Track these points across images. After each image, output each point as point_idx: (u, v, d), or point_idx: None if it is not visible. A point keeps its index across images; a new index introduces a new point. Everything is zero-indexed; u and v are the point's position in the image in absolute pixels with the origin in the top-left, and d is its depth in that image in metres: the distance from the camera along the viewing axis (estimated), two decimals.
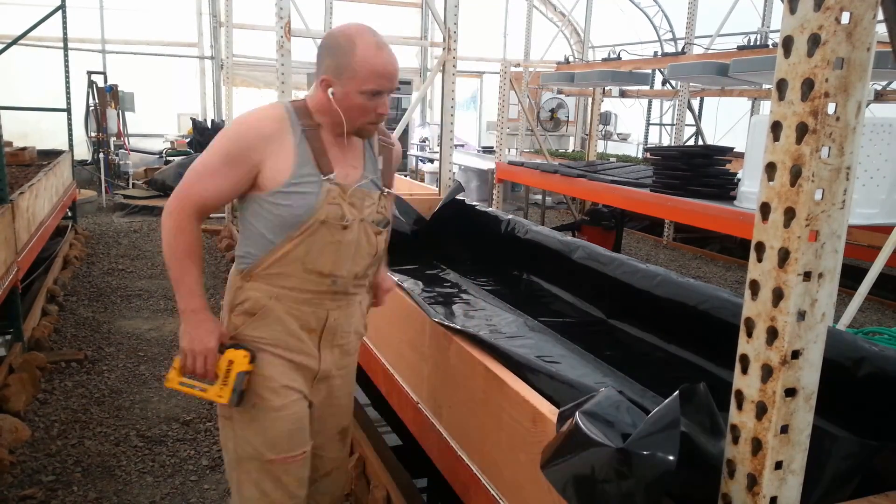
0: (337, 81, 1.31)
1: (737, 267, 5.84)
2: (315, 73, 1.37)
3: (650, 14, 10.59)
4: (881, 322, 4.31)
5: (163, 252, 1.38)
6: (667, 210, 3.98)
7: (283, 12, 3.23)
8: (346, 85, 1.30)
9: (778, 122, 0.73)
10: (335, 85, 1.32)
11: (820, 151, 0.70)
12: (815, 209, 0.71)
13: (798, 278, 0.73)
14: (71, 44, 6.20)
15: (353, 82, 1.30)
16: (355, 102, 1.31)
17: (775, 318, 0.75)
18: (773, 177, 0.74)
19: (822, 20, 0.68)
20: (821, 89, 0.69)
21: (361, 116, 1.34)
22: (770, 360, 0.76)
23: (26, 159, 5.69)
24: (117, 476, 2.37)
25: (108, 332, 3.76)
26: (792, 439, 0.78)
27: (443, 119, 3.52)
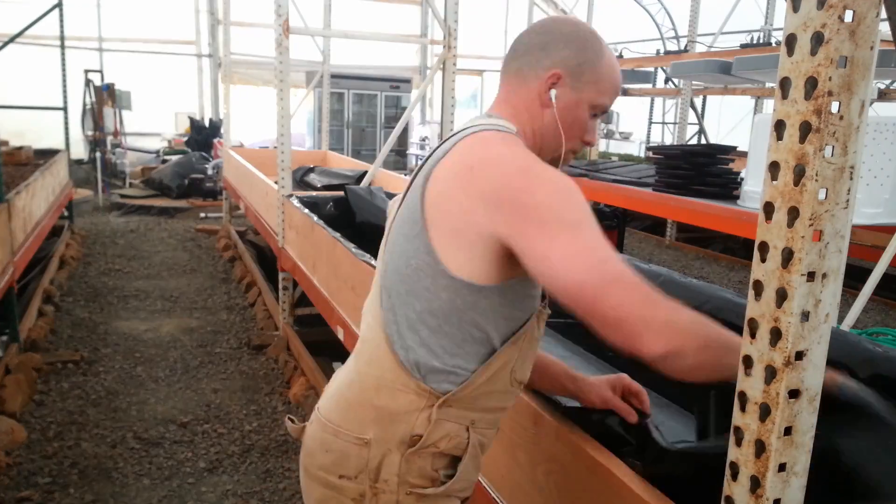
0: (571, 82, 0.96)
1: (740, 267, 5.84)
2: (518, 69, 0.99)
3: (653, 12, 10.58)
4: (885, 323, 4.31)
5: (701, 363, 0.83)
6: (669, 209, 3.97)
7: (282, 10, 3.22)
8: (582, 90, 0.96)
9: (781, 120, 0.72)
10: (565, 87, 0.96)
11: (823, 150, 0.69)
12: (818, 209, 0.70)
13: (802, 278, 0.72)
14: (68, 42, 6.19)
15: (593, 88, 0.97)
16: (582, 117, 0.98)
17: (779, 319, 0.74)
18: (777, 176, 0.73)
19: (826, 18, 0.67)
20: (824, 88, 0.68)
21: (575, 139, 1.00)
22: (773, 361, 0.75)
23: (22, 158, 5.69)
24: (114, 478, 2.36)
25: (104, 333, 3.75)
26: (795, 441, 0.77)
27: (443, 117, 3.51)
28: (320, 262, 2.87)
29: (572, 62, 0.96)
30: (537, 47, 0.98)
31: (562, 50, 0.97)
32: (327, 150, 6.57)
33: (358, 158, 7.10)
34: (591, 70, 0.97)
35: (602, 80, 0.97)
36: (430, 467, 0.95)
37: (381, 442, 0.94)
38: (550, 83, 0.97)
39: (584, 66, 0.96)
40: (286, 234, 3.58)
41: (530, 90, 0.98)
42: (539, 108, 0.98)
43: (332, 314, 2.65)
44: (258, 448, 2.59)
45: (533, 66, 0.98)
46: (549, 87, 0.97)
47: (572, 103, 0.97)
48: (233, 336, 3.81)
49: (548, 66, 0.96)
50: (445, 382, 0.94)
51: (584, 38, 0.97)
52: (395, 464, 0.94)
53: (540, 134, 0.99)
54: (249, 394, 3.08)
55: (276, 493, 2.32)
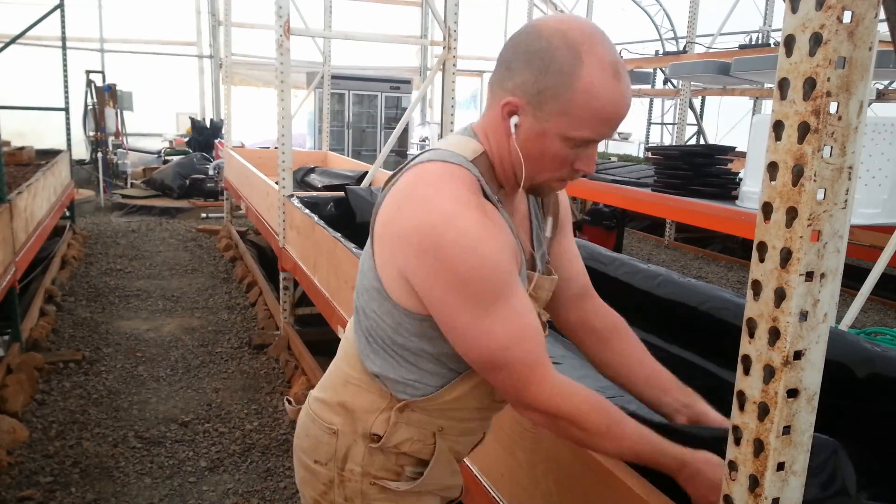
0: (531, 111, 0.82)
1: (738, 267, 5.83)
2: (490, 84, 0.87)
3: (651, 13, 10.58)
4: (883, 322, 4.31)
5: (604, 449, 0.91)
6: (668, 210, 3.98)
7: (283, 11, 3.23)
8: (547, 121, 0.82)
9: (780, 121, 0.73)
10: (526, 115, 0.83)
11: (822, 151, 0.70)
12: (817, 209, 0.71)
13: (800, 278, 0.72)
14: (69, 43, 6.19)
15: (561, 121, 0.81)
16: (552, 149, 0.83)
17: (777, 319, 0.74)
18: (775, 176, 0.74)
19: (824, 19, 0.67)
20: (822, 88, 0.68)
21: (550, 171, 0.87)
22: (772, 360, 0.75)
23: (24, 159, 5.69)
24: (115, 477, 2.36)
25: (106, 333, 3.76)
26: (794, 440, 0.77)
27: (443, 118, 3.52)
28: (321, 261, 2.87)
29: (532, 89, 0.81)
30: (504, 64, 0.85)
31: (523, 72, 0.81)
32: (328, 151, 6.58)
33: (358, 159, 7.11)
34: (556, 99, 0.80)
35: (573, 111, 0.80)
36: (393, 464, 0.97)
37: (347, 433, 0.97)
38: (507, 112, 0.84)
39: (545, 95, 0.80)
40: (287, 234, 3.59)
41: (496, 113, 0.86)
42: (503, 134, 0.86)
43: (333, 314, 2.66)
44: (259, 447, 2.60)
45: (499, 86, 0.85)
46: (506, 115, 0.84)
47: (535, 134, 0.83)
48: (234, 335, 3.82)
49: (507, 90, 0.83)
50: (403, 393, 0.94)
51: (552, 59, 0.79)
52: (360, 455, 0.96)
53: (507, 159, 0.88)
54: (250, 393, 3.08)
55: (276, 492, 2.32)
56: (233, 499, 2.28)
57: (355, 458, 0.96)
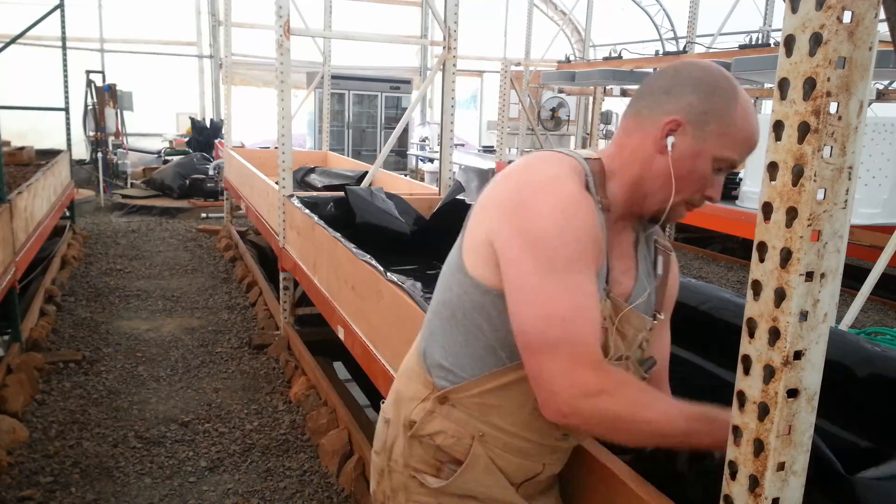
0: (692, 131, 0.89)
1: (738, 267, 5.83)
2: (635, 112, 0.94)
3: (651, 13, 10.58)
4: (883, 322, 4.30)
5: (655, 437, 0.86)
6: None
7: (283, 11, 3.23)
8: (705, 140, 0.89)
9: (780, 121, 0.73)
10: (684, 135, 0.89)
11: (822, 151, 0.70)
12: (817, 209, 0.71)
13: (800, 278, 0.72)
14: (69, 43, 6.19)
15: (719, 141, 0.89)
16: (701, 169, 0.90)
17: (777, 319, 0.74)
18: (775, 176, 0.74)
19: (824, 19, 0.67)
20: (822, 88, 0.68)
21: (691, 192, 0.92)
22: (772, 360, 0.75)
23: (24, 159, 5.69)
24: (115, 477, 2.36)
25: (106, 333, 3.76)
26: (794, 440, 0.77)
27: (443, 118, 3.52)
28: (321, 261, 2.87)
29: (698, 109, 0.89)
30: (661, 90, 0.92)
31: (688, 95, 0.90)
32: (328, 151, 6.58)
33: (358, 159, 7.11)
34: (719, 120, 0.88)
35: (731, 132, 0.89)
36: (431, 457, 0.98)
37: (395, 423, 1.02)
38: (668, 129, 0.90)
39: (710, 115, 0.89)
40: (287, 235, 3.59)
41: (646, 134, 0.92)
42: (652, 152, 0.91)
43: (333, 314, 2.66)
44: (259, 447, 2.60)
45: (653, 110, 0.92)
46: (666, 134, 0.90)
47: (691, 153, 0.89)
48: (234, 335, 3.82)
49: (669, 111, 0.90)
50: (443, 379, 0.97)
51: (715, 85, 0.89)
52: (402, 445, 1.00)
53: (644, 179, 0.92)
54: (250, 393, 3.08)
55: (276, 492, 2.32)
56: (233, 499, 2.28)
57: (398, 448, 1.00)
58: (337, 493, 2.32)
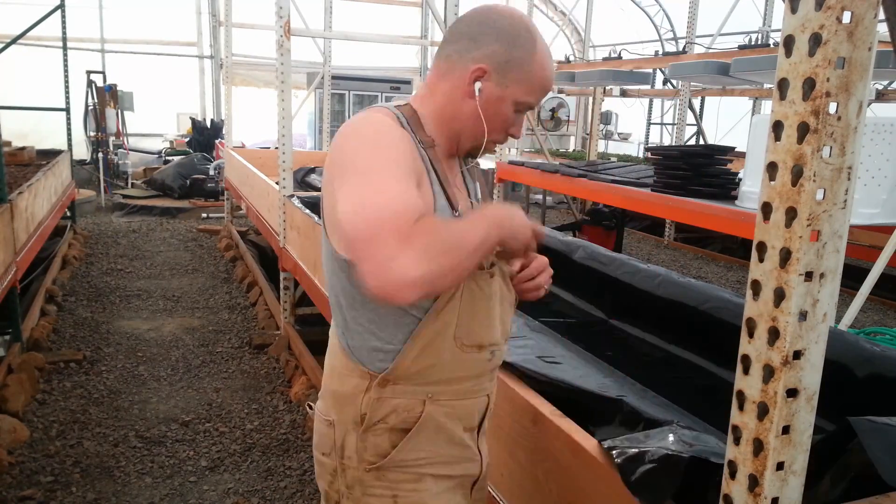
0: (497, 77, 0.95)
1: (738, 267, 5.83)
2: (447, 55, 0.99)
3: (651, 13, 10.58)
4: (882, 322, 4.30)
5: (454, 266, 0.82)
6: (668, 210, 3.97)
7: (283, 11, 3.23)
8: (508, 85, 0.96)
9: (779, 121, 0.73)
10: (489, 81, 0.96)
11: (821, 151, 0.70)
12: (816, 209, 0.71)
13: (800, 278, 0.72)
14: (70, 43, 6.20)
15: (519, 86, 0.96)
16: (504, 112, 0.98)
17: (777, 319, 0.74)
18: (775, 176, 0.74)
19: (824, 19, 0.68)
20: (822, 89, 0.68)
21: (498, 132, 1.00)
22: (771, 360, 0.75)
23: (25, 159, 5.70)
24: (116, 477, 2.36)
25: (106, 333, 3.76)
26: (793, 440, 0.77)
27: None
28: (321, 261, 2.87)
29: (501, 58, 0.95)
30: (468, 37, 0.98)
31: (492, 44, 0.95)
32: (328, 151, 6.57)
33: None
34: (519, 68, 0.96)
35: (530, 79, 0.96)
36: (386, 444, 0.99)
37: (341, 423, 1.01)
38: (475, 76, 0.96)
39: (511, 64, 0.95)
40: (287, 234, 3.59)
41: (455, 79, 0.98)
42: (461, 97, 0.98)
43: None
44: (259, 447, 2.60)
45: (461, 56, 0.97)
46: (473, 80, 0.96)
47: (495, 98, 0.97)
48: (234, 335, 3.82)
49: (476, 59, 0.96)
50: (378, 361, 0.98)
51: (517, 35, 0.96)
52: (353, 442, 1.00)
53: (456, 120, 1.00)
54: (251, 393, 3.09)
55: (277, 492, 2.32)
56: (233, 498, 2.28)
57: (350, 446, 1.00)
58: None
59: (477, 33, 0.97)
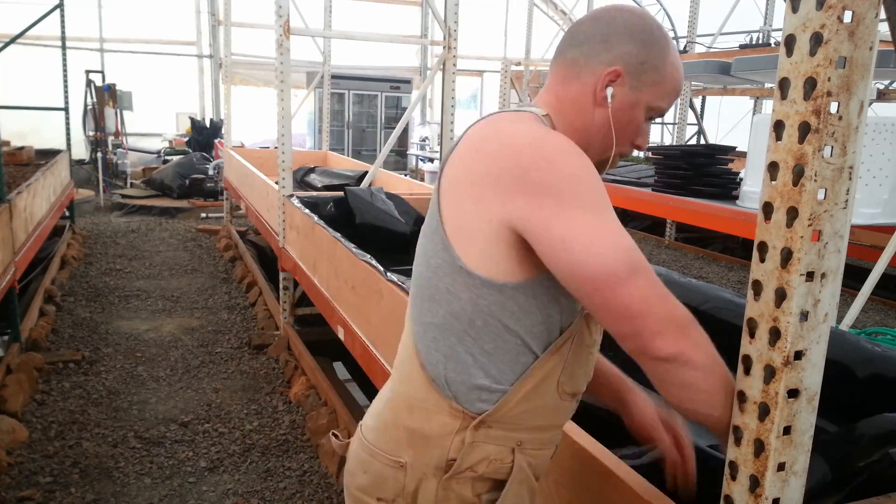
0: (631, 80, 0.87)
1: (739, 267, 5.83)
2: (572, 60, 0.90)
3: (652, 13, 10.57)
4: (884, 322, 4.30)
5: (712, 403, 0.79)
6: (669, 210, 3.98)
7: (283, 11, 3.23)
8: (642, 89, 0.87)
9: (780, 121, 0.73)
10: (623, 85, 0.87)
11: (822, 151, 0.69)
12: (817, 209, 0.71)
13: (801, 278, 0.72)
14: (69, 42, 6.19)
15: (654, 89, 0.88)
16: (636, 118, 0.89)
17: (778, 319, 0.74)
18: (776, 176, 0.73)
19: (825, 19, 0.67)
20: (823, 88, 0.68)
21: (626, 143, 0.91)
22: (773, 360, 0.75)
23: (24, 159, 5.69)
24: (115, 478, 2.36)
25: (105, 333, 3.75)
26: (794, 441, 0.77)
27: (443, 118, 3.52)
28: (321, 261, 2.87)
29: (635, 59, 0.86)
30: (598, 38, 0.88)
31: (625, 44, 0.86)
32: (328, 151, 6.57)
33: (358, 159, 7.11)
34: (655, 70, 0.87)
35: (665, 81, 0.88)
36: (470, 493, 0.88)
37: (417, 466, 0.88)
38: (608, 80, 0.87)
39: (647, 65, 0.87)
40: (287, 234, 3.58)
41: (584, 84, 0.88)
42: (591, 104, 0.88)
43: (333, 314, 2.66)
44: (259, 447, 2.60)
45: (590, 59, 0.88)
46: (605, 84, 0.87)
47: (629, 104, 0.88)
48: (234, 336, 3.82)
49: (608, 61, 0.87)
50: (479, 401, 0.86)
51: (651, 34, 0.88)
52: (432, 490, 0.87)
53: (586, 132, 0.90)
54: (250, 393, 3.08)
55: (276, 493, 2.32)
56: (232, 499, 2.27)
57: (428, 494, 0.87)
58: (337, 493, 2.32)
59: (607, 34, 0.87)
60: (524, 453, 0.89)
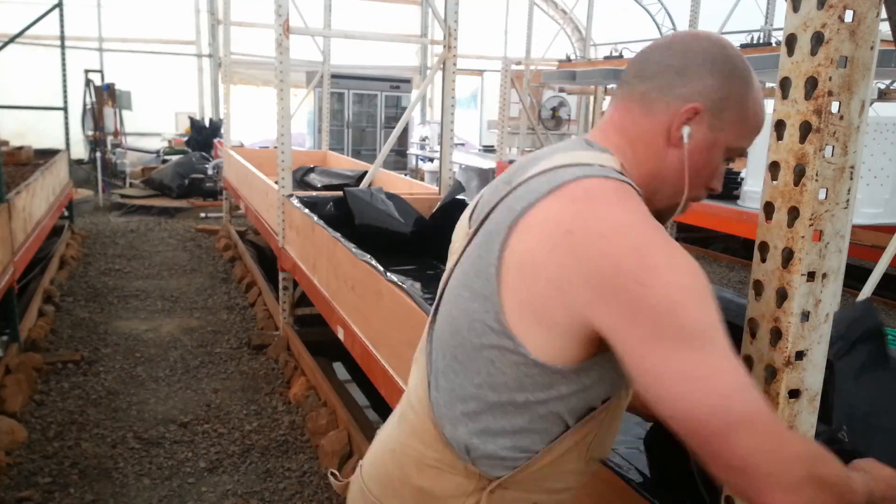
0: (710, 118, 0.78)
1: (740, 267, 5.83)
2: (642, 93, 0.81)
3: (653, 11, 10.57)
4: (885, 323, 4.30)
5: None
6: None
7: (282, 10, 3.22)
8: (722, 129, 0.79)
9: (781, 120, 0.72)
10: (701, 124, 0.78)
11: (823, 150, 0.69)
12: (818, 209, 0.70)
13: (802, 278, 0.72)
14: (68, 42, 6.19)
15: (735, 128, 0.79)
16: (712, 162, 0.80)
17: (779, 319, 0.74)
18: (777, 176, 0.73)
19: (826, 18, 0.67)
20: (824, 88, 0.68)
21: (700, 188, 0.82)
22: (774, 360, 0.75)
23: (23, 158, 5.69)
24: (114, 478, 2.35)
25: (104, 333, 3.75)
26: None
27: (443, 118, 3.51)
28: (320, 262, 2.87)
29: (716, 95, 0.77)
30: (673, 70, 0.78)
31: (705, 77, 0.77)
32: (327, 150, 6.57)
33: (358, 158, 7.10)
34: (738, 106, 0.78)
35: (748, 119, 0.79)
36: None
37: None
38: (686, 118, 0.78)
39: (729, 101, 0.78)
40: (286, 234, 3.58)
41: (656, 123, 0.79)
42: (663, 145, 0.79)
43: (333, 314, 2.65)
44: (258, 448, 2.59)
45: (664, 93, 0.79)
46: (682, 123, 0.78)
47: (707, 144, 0.78)
48: (233, 336, 3.81)
49: (685, 97, 0.78)
50: (499, 468, 0.80)
51: (733, 65, 0.78)
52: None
53: (657, 176, 0.80)
54: (249, 394, 3.08)
55: (276, 493, 2.32)
56: (232, 500, 2.27)
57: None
58: (337, 493, 2.31)
59: (684, 65, 0.78)
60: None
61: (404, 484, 0.85)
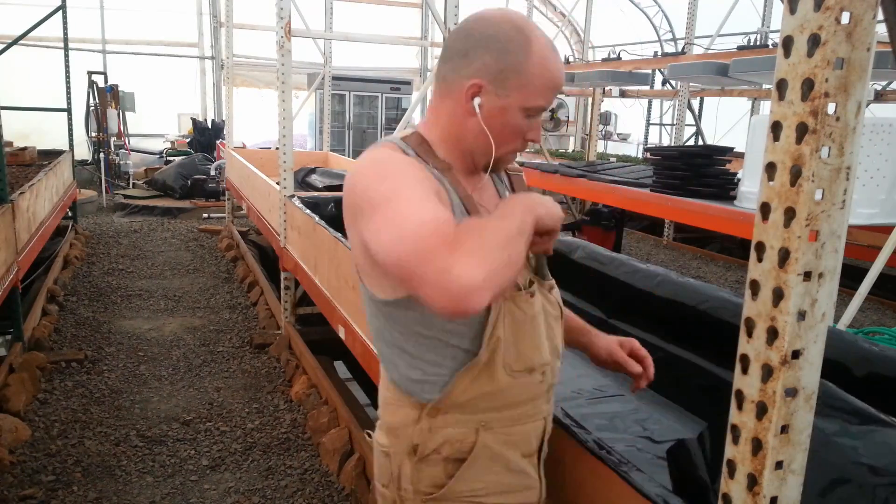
0: (494, 90, 0.91)
1: (737, 267, 5.84)
2: (442, 77, 0.96)
3: (650, 14, 10.58)
4: (881, 322, 4.31)
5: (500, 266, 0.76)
6: (667, 210, 3.98)
7: (284, 12, 3.24)
8: (508, 96, 0.91)
9: (778, 122, 0.73)
10: (488, 94, 0.91)
11: (820, 151, 0.70)
12: (815, 209, 0.71)
13: (798, 278, 0.73)
14: (71, 44, 6.20)
15: (521, 93, 0.91)
16: (512, 122, 0.93)
17: (775, 318, 0.75)
18: (773, 177, 0.74)
19: (822, 20, 0.68)
20: (821, 89, 0.69)
21: (511, 142, 0.96)
22: (770, 360, 0.76)
23: (27, 159, 5.71)
24: (117, 476, 2.37)
25: (108, 332, 3.76)
26: (792, 439, 0.78)
27: None
28: (322, 261, 2.88)
29: (493, 69, 0.90)
30: (459, 54, 0.93)
31: (482, 56, 0.91)
32: (329, 152, 6.58)
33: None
34: (517, 74, 0.90)
35: (531, 82, 0.90)
36: (441, 474, 0.96)
37: (396, 454, 0.98)
38: (472, 93, 0.92)
39: (507, 72, 0.90)
40: (288, 235, 3.59)
41: (454, 99, 0.94)
42: (463, 115, 0.94)
43: (334, 313, 2.66)
44: (260, 446, 2.60)
45: (455, 74, 0.93)
46: (470, 97, 0.92)
47: (498, 110, 0.92)
48: (235, 335, 3.82)
49: (469, 75, 0.91)
50: (425, 393, 0.95)
51: (507, 40, 0.90)
52: (409, 472, 0.97)
53: (463, 139, 0.95)
54: (252, 392, 3.09)
55: (278, 490, 2.33)
56: (234, 497, 2.28)
57: (406, 476, 0.97)
58: (338, 491, 2.33)
59: (466, 48, 0.92)
60: (492, 432, 0.96)
61: (381, 422, 1.03)
